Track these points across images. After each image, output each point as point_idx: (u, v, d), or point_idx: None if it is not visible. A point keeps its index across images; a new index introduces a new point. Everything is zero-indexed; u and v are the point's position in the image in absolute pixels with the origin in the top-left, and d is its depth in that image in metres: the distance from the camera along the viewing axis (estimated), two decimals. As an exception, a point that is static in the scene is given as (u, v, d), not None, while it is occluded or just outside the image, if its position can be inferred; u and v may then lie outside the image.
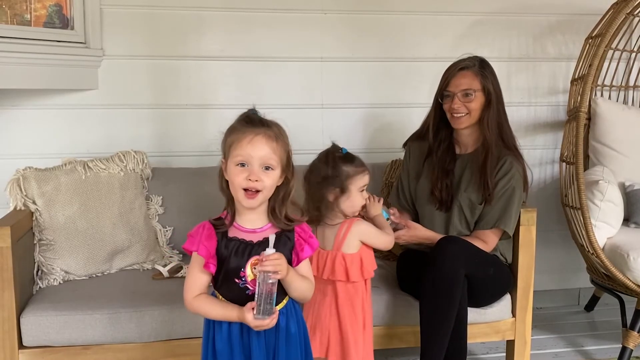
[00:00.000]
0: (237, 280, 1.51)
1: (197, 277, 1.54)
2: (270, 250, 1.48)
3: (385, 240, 1.96)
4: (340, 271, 1.86)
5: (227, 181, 1.54)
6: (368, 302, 1.93)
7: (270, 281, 1.45)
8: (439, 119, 2.27)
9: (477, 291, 2.11)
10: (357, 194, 1.89)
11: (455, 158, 2.27)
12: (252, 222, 1.55)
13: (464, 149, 2.28)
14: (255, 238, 1.53)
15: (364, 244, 1.91)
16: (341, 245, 1.88)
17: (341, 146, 1.94)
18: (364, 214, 2.01)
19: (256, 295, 1.46)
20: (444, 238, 2.10)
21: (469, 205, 2.20)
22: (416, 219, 2.33)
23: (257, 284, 1.46)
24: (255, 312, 1.46)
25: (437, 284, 2.00)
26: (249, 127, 1.51)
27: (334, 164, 1.87)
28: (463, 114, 2.18)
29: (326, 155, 1.91)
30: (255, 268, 1.49)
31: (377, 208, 2.03)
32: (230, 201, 1.56)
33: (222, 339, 1.53)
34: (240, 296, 1.52)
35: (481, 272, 2.10)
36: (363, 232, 1.90)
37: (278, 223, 1.56)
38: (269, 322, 1.48)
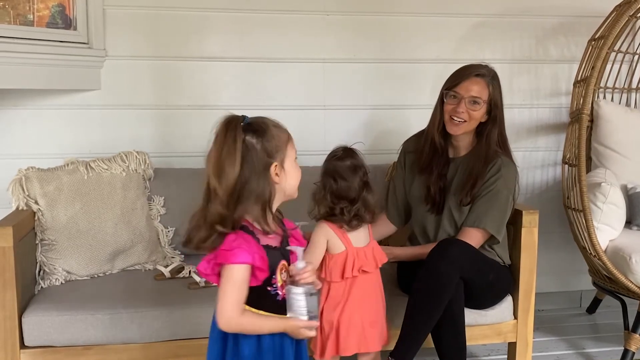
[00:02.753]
0: (269, 289, 1.47)
1: (245, 291, 1.43)
2: (301, 263, 1.51)
3: None
4: (383, 254, 2.01)
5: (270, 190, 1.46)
6: None
7: (314, 291, 1.51)
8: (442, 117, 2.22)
9: (476, 295, 2.11)
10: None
11: (448, 162, 2.26)
12: (272, 227, 1.51)
13: (456, 152, 2.27)
14: (274, 243, 1.50)
15: None
16: (372, 238, 2.01)
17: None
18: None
19: (299, 309, 1.49)
20: (446, 240, 2.10)
21: (457, 207, 2.19)
22: (405, 222, 2.39)
23: (303, 299, 1.48)
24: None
25: (428, 284, 2.00)
26: (283, 128, 1.51)
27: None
28: (462, 121, 2.16)
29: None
30: (282, 273, 1.49)
31: None
32: (264, 209, 1.46)
33: (251, 349, 1.48)
34: (273, 305, 1.49)
35: (480, 277, 2.10)
36: None
37: (277, 222, 1.55)
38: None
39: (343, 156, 1.92)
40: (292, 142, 1.51)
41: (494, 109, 2.18)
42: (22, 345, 2.01)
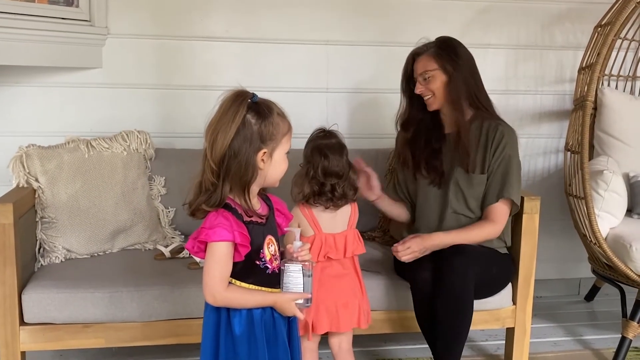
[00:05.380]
0: (257, 262, 1.51)
1: (228, 267, 1.48)
2: (299, 242, 1.57)
3: None
4: (360, 246, 2.03)
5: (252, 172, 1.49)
6: None
7: (310, 271, 1.56)
8: (413, 104, 2.29)
9: (480, 288, 2.11)
10: None
11: (442, 136, 2.28)
12: (255, 205, 1.56)
13: (449, 128, 2.29)
14: (259, 219, 1.54)
15: None
16: (354, 224, 2.02)
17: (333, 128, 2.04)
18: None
19: (295, 286, 1.54)
20: (450, 250, 2.08)
21: (465, 178, 2.20)
22: (412, 210, 2.37)
23: (300, 276, 1.55)
24: (303, 303, 1.55)
25: (450, 305, 2.02)
26: (286, 119, 1.52)
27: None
28: (430, 96, 2.22)
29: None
30: (270, 247, 1.53)
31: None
32: (243, 189, 1.49)
33: (242, 323, 1.51)
34: (263, 278, 1.52)
35: (485, 273, 2.11)
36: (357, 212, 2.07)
37: (263, 198, 1.60)
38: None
39: (328, 135, 1.99)
40: (290, 135, 1.54)
41: (449, 70, 2.19)
42: (22, 322, 2.02)
